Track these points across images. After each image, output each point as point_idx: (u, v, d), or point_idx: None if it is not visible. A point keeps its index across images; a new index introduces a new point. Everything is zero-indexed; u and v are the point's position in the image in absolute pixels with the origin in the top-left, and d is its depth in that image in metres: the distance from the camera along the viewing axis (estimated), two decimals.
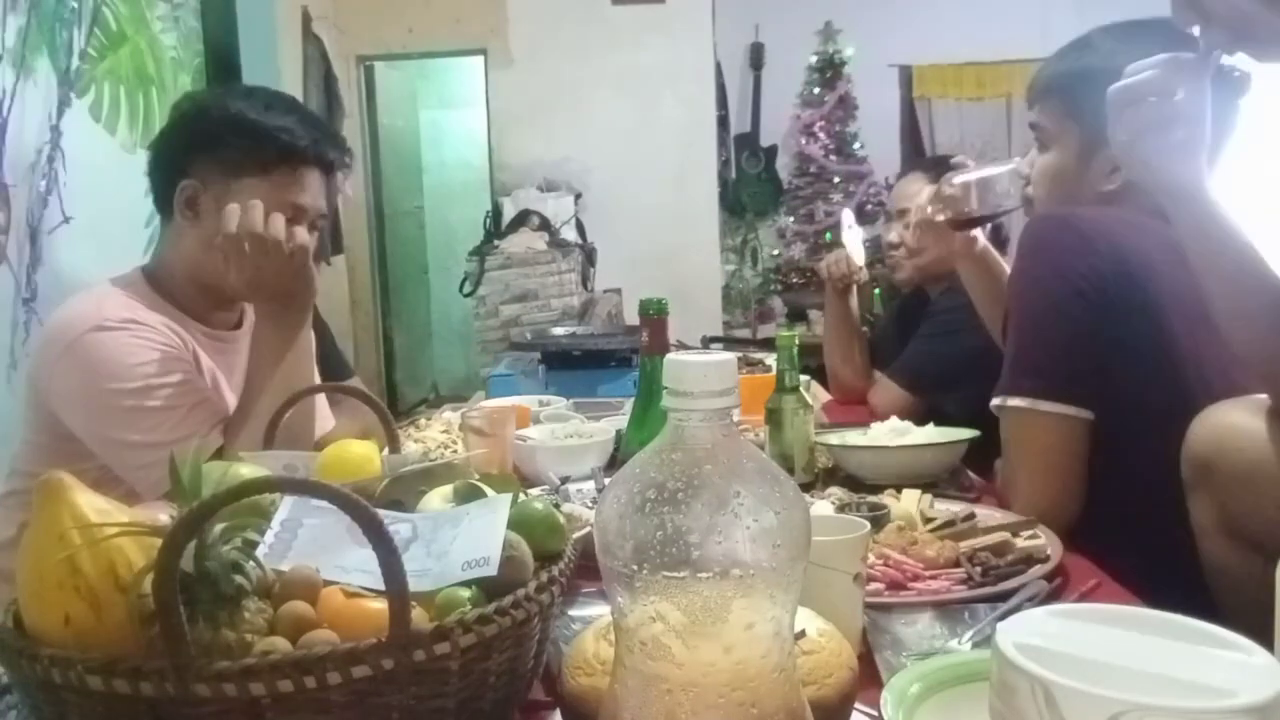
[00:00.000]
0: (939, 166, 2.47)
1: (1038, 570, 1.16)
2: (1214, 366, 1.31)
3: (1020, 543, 1.22)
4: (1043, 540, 1.24)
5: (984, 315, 1.78)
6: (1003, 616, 1.01)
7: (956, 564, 1.16)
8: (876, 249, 2.84)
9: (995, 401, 1.38)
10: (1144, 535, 1.32)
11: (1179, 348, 1.33)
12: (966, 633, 1.01)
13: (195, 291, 1.59)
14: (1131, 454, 1.33)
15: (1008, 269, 1.67)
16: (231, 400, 1.58)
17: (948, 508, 1.38)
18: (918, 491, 1.41)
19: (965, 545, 1.20)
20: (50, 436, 1.50)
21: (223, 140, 1.53)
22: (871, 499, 1.40)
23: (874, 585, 1.11)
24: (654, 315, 1.26)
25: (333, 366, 2.55)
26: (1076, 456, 1.34)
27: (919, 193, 2.39)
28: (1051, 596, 1.11)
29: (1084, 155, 1.47)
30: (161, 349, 1.48)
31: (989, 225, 1.68)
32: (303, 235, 1.48)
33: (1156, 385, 1.32)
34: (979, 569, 1.14)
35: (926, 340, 2.32)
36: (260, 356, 1.50)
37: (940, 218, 1.67)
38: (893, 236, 2.46)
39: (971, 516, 1.31)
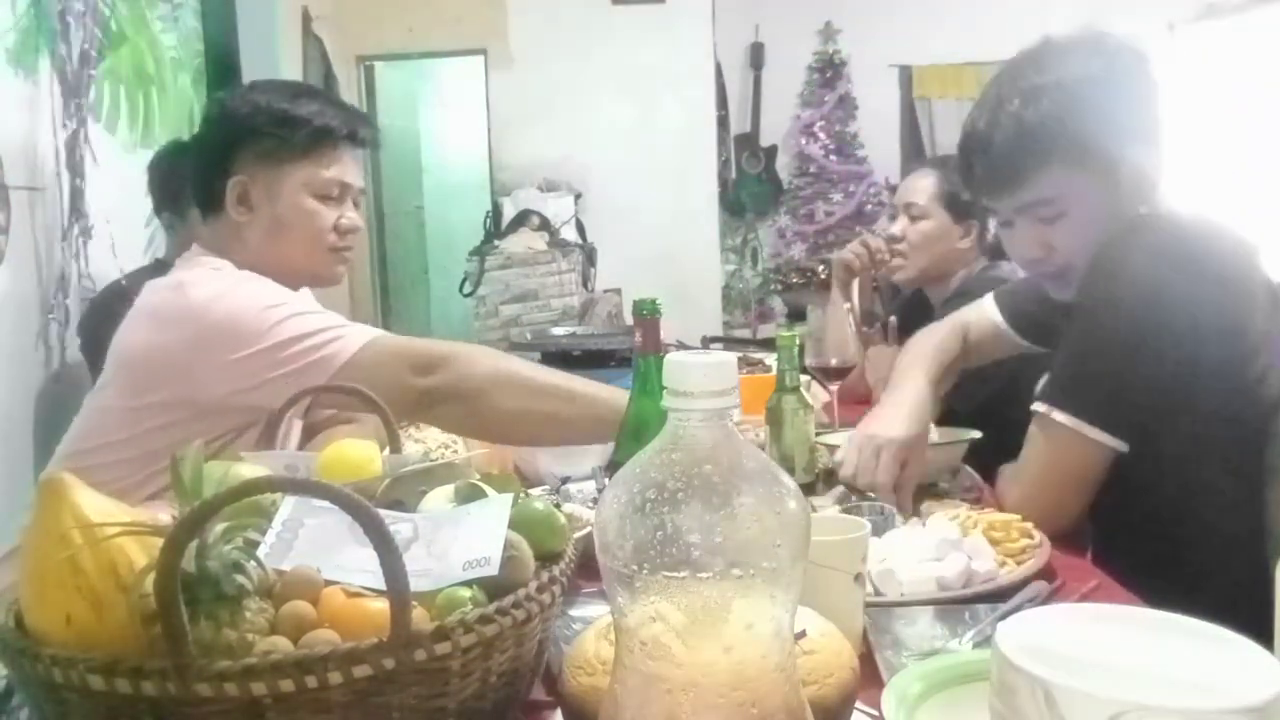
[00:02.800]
0: (947, 164, 2.42)
1: (1033, 566, 1.16)
2: (1268, 368, 1.31)
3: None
4: (1037, 539, 1.24)
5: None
6: (1003, 617, 1.01)
7: None
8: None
9: (1039, 408, 1.35)
10: (1145, 536, 1.33)
11: (1235, 365, 1.30)
12: (967, 633, 1.01)
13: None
14: (1156, 465, 1.32)
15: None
16: None
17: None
18: None
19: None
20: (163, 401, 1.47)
21: (260, 132, 1.58)
22: (870, 500, 1.40)
23: None
24: (647, 315, 1.26)
25: None
26: (1095, 479, 1.33)
27: (926, 188, 2.40)
28: (1051, 597, 1.11)
29: (1113, 189, 1.37)
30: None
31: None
32: (355, 215, 1.64)
33: (1202, 409, 1.30)
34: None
35: None
36: None
37: None
38: (895, 229, 2.42)
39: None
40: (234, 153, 1.59)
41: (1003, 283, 2.24)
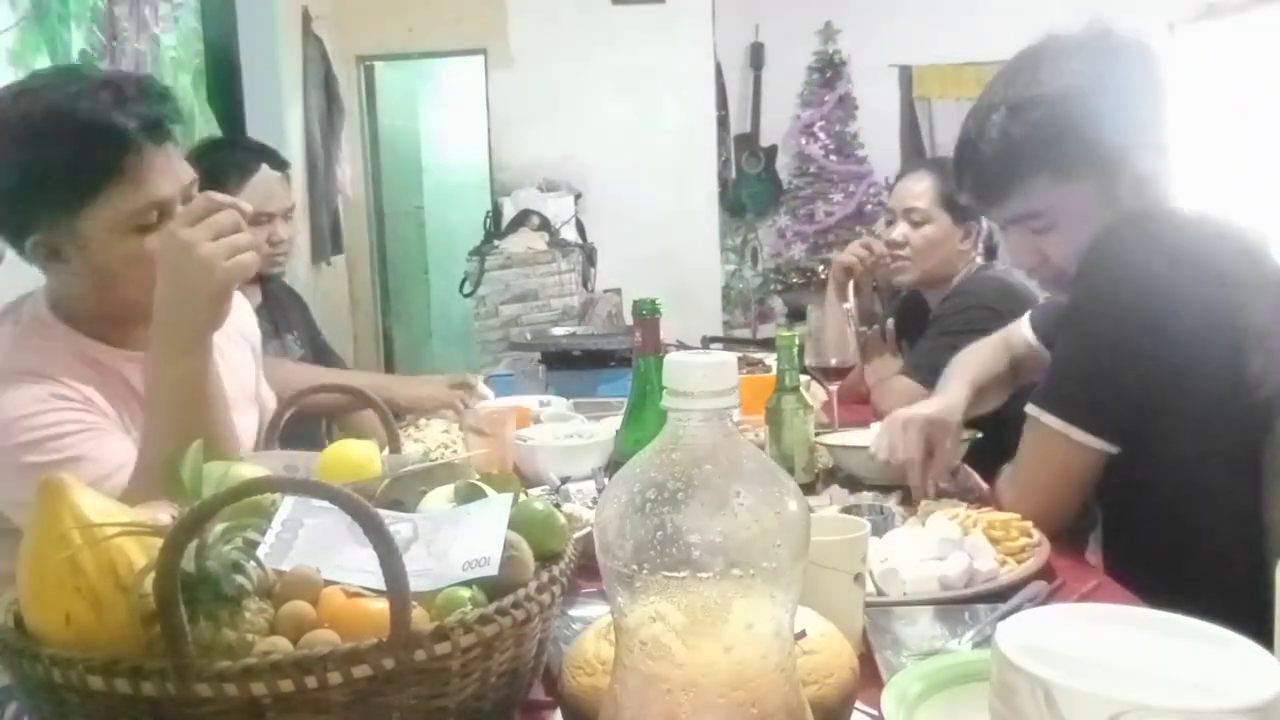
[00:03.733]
0: (944, 166, 2.40)
1: (1033, 565, 1.17)
2: (1267, 365, 1.30)
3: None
4: (1036, 538, 1.24)
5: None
6: (1002, 617, 1.01)
7: None
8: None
9: (1030, 410, 1.35)
10: (1148, 535, 1.33)
11: (1229, 361, 1.28)
12: (966, 633, 1.01)
13: (103, 318, 1.36)
14: (1153, 464, 1.31)
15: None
16: None
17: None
18: None
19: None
20: None
21: (37, 178, 1.24)
22: (870, 500, 1.40)
23: None
24: (647, 315, 1.27)
25: (319, 349, 2.58)
26: (1087, 482, 1.33)
27: (925, 192, 2.35)
28: (1051, 597, 1.11)
29: (1109, 200, 1.34)
30: (53, 401, 1.26)
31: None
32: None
33: (1197, 409, 1.29)
34: None
35: (948, 338, 2.16)
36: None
37: None
38: (896, 235, 2.39)
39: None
40: (23, 214, 1.27)
41: (998, 281, 2.25)
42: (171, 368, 1.19)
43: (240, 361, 1.57)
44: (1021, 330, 1.71)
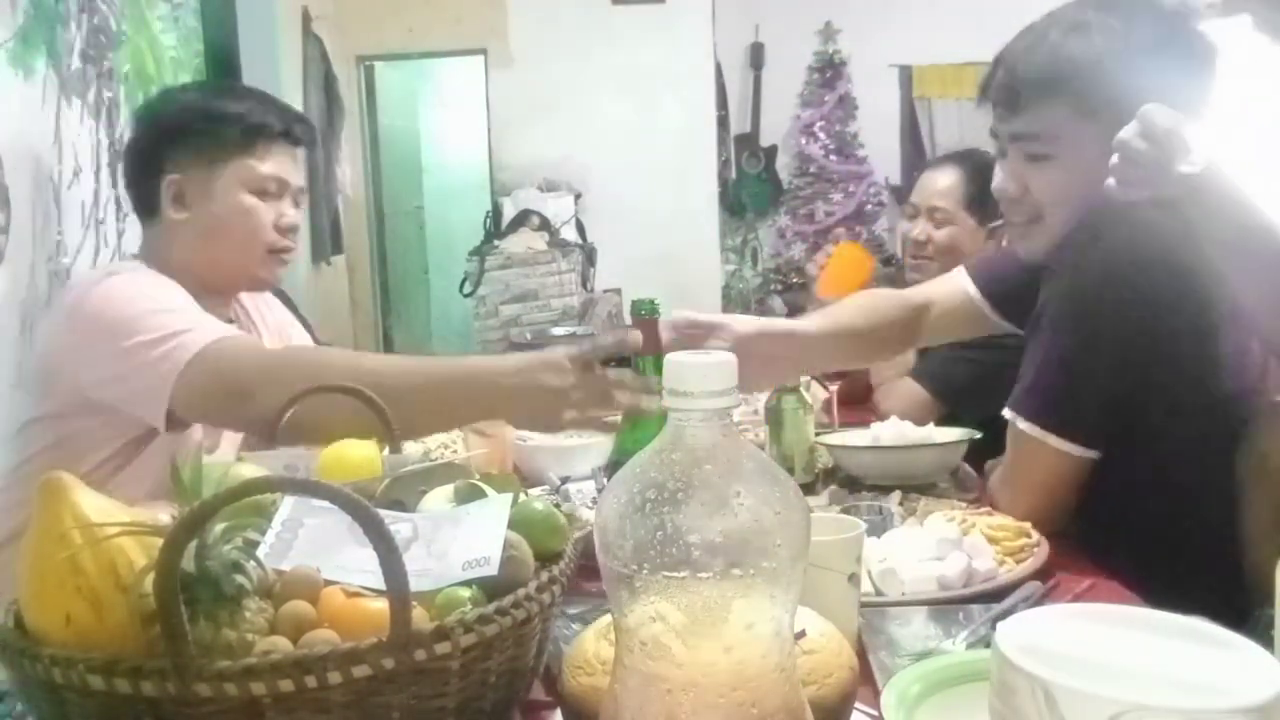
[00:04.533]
0: (972, 161, 2.35)
1: (1032, 565, 1.17)
2: (1244, 362, 1.30)
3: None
4: (1035, 539, 1.24)
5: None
6: (998, 617, 1.02)
7: None
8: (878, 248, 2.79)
9: (1008, 414, 1.35)
10: (1145, 536, 1.33)
11: (1209, 357, 1.29)
12: (961, 633, 1.01)
13: (192, 286, 1.56)
14: (1141, 462, 1.31)
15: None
16: None
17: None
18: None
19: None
20: (61, 404, 1.47)
21: (193, 129, 1.57)
22: (870, 500, 1.40)
23: None
24: (645, 315, 1.26)
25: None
26: (1070, 488, 1.32)
27: (950, 190, 2.30)
28: (1046, 597, 1.11)
29: (1107, 155, 1.28)
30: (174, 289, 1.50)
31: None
32: (294, 213, 1.61)
33: (1177, 404, 1.29)
34: None
35: (961, 348, 2.09)
36: None
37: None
38: (918, 234, 2.35)
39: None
40: (166, 152, 1.57)
41: None
42: (488, 384, 1.31)
43: None
44: (959, 282, 1.65)
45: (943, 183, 2.35)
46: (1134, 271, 1.25)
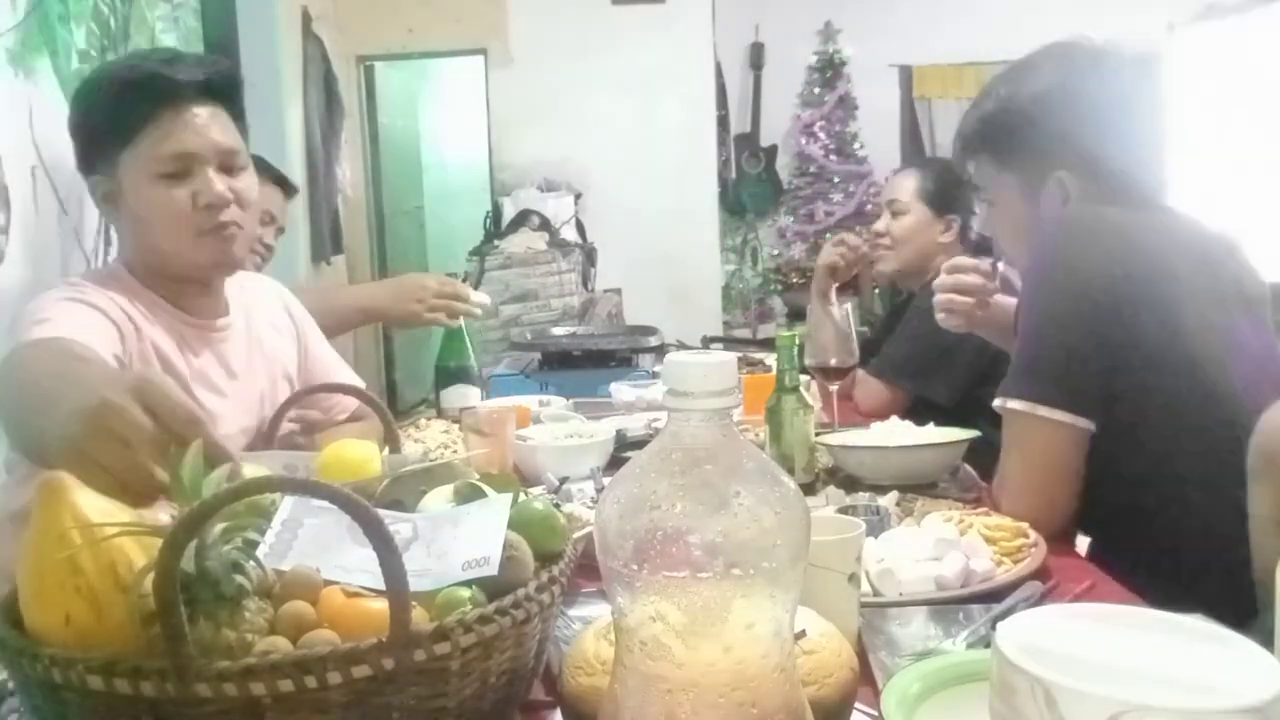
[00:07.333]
0: (931, 164, 2.61)
1: (1030, 565, 1.16)
2: (1237, 361, 1.32)
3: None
4: (1033, 539, 1.24)
5: None
6: (997, 617, 1.02)
7: None
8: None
9: (997, 402, 1.37)
10: (1145, 535, 1.33)
11: (1194, 345, 1.32)
12: (961, 633, 1.01)
13: (158, 282, 1.51)
14: (1139, 455, 1.32)
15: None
16: (205, 398, 1.47)
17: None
18: None
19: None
20: None
21: (85, 128, 1.46)
22: (866, 500, 1.40)
23: None
24: None
25: None
26: (1071, 464, 1.33)
27: (908, 186, 2.52)
28: (1045, 597, 1.11)
29: (1031, 197, 1.47)
30: (85, 306, 1.37)
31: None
32: (219, 186, 1.42)
33: (1168, 388, 1.31)
34: None
35: (901, 332, 2.36)
36: None
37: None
38: (879, 226, 2.54)
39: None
40: (84, 153, 1.48)
41: None
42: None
43: (275, 346, 1.70)
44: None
45: (903, 182, 2.57)
46: (1090, 240, 1.35)
